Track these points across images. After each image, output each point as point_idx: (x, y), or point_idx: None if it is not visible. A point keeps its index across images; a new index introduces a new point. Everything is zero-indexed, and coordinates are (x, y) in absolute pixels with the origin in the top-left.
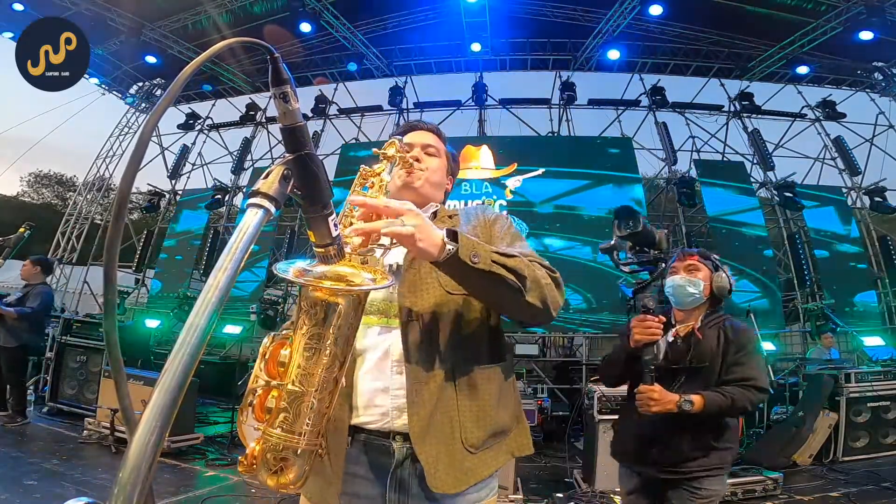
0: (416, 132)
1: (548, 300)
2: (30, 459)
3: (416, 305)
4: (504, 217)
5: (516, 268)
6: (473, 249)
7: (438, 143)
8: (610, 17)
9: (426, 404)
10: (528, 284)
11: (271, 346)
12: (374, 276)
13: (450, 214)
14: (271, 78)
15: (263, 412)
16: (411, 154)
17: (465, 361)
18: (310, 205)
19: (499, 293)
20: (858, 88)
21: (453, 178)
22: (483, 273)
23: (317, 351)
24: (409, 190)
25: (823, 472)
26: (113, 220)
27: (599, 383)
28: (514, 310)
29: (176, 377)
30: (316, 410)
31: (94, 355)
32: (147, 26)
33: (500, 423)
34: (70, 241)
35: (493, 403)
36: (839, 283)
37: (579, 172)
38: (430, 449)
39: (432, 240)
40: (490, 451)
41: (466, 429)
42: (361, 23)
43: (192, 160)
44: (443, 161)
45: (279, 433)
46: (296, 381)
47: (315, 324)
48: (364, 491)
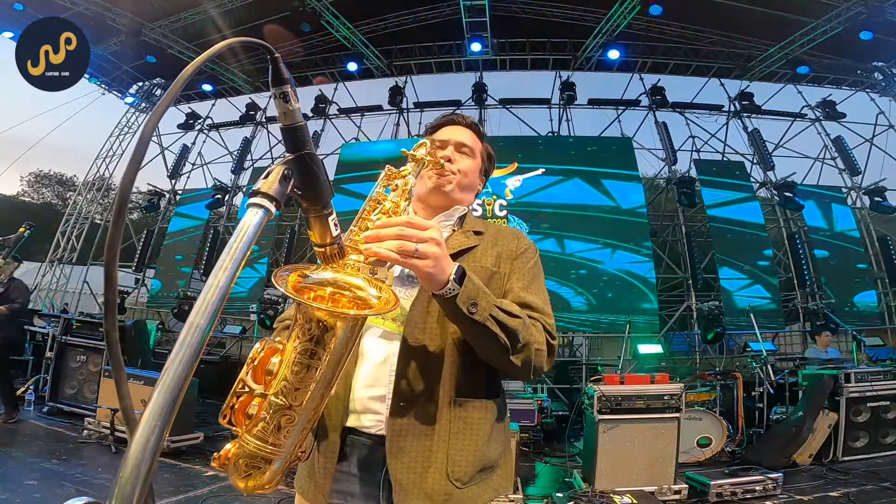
0: (451, 127)
1: (532, 364)
2: (30, 459)
3: (422, 324)
4: (533, 251)
5: (513, 329)
6: (474, 298)
7: (474, 142)
8: (610, 16)
9: (411, 427)
10: (518, 347)
11: (262, 353)
12: (379, 293)
13: (476, 230)
14: (271, 78)
15: (244, 417)
16: (443, 154)
17: (461, 391)
18: (310, 204)
19: (485, 344)
20: (858, 88)
21: (486, 178)
22: (475, 322)
23: (306, 367)
24: (438, 193)
25: (823, 472)
26: (113, 219)
27: (599, 383)
28: (493, 360)
29: (176, 377)
30: (296, 425)
31: (94, 355)
32: (147, 26)
33: (489, 459)
34: (70, 240)
35: (484, 438)
36: (839, 283)
37: (579, 172)
38: (410, 474)
39: (442, 275)
40: (476, 487)
41: (454, 461)
42: (361, 23)
43: (192, 160)
44: (477, 162)
45: (256, 442)
46: (280, 395)
47: (308, 339)
48: (357, 490)
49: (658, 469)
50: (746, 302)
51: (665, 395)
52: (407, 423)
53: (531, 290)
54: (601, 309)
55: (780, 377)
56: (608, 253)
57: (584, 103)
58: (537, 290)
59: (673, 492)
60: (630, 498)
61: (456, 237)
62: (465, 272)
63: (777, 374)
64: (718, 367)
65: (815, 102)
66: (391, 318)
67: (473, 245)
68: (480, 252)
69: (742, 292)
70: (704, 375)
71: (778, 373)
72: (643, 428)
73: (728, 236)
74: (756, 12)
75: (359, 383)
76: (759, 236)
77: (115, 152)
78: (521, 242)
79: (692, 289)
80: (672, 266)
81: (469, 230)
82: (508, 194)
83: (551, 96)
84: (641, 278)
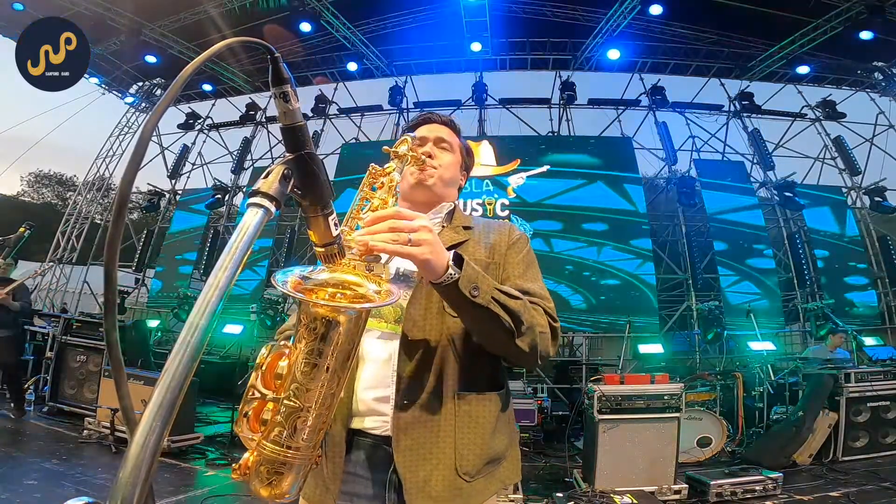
0: (429, 125)
1: (538, 348)
2: (30, 459)
3: (421, 321)
4: (524, 241)
5: (515, 310)
6: (475, 282)
7: (452, 137)
8: (610, 16)
9: (417, 424)
10: (522, 329)
11: (269, 357)
12: (379, 287)
13: (465, 225)
14: (271, 77)
15: (259, 423)
16: (423, 150)
17: (464, 386)
18: (310, 204)
19: (489, 329)
20: (858, 88)
21: (467, 174)
22: (478, 307)
23: (315, 367)
24: (421, 188)
25: (823, 472)
26: (113, 219)
27: (600, 383)
28: (499, 348)
29: (176, 377)
30: (312, 426)
31: (94, 355)
32: (147, 26)
33: (495, 451)
34: (70, 240)
35: (490, 431)
36: (839, 283)
37: (579, 172)
38: (419, 471)
39: (439, 260)
40: (484, 479)
41: (462, 455)
42: (361, 22)
43: (192, 160)
44: (456, 156)
45: (273, 447)
46: (292, 397)
47: (314, 339)
48: (363, 491)
49: (658, 469)
50: (746, 302)
51: (665, 395)
52: (412, 421)
53: (527, 278)
54: (601, 309)
55: (780, 377)
56: (607, 252)
57: (584, 103)
58: (533, 278)
59: (673, 492)
60: (630, 498)
61: (445, 233)
62: (462, 258)
63: (777, 374)
64: (718, 367)
65: (815, 102)
66: (390, 318)
67: (464, 240)
68: (472, 246)
69: (742, 292)
70: (704, 375)
71: (778, 373)
72: (643, 428)
73: (728, 236)
74: (756, 12)
75: (361, 385)
76: (759, 236)
77: (115, 152)
78: (512, 233)
79: (692, 289)
80: (672, 266)
81: (458, 226)
82: (511, 193)
83: (551, 96)
84: (641, 278)
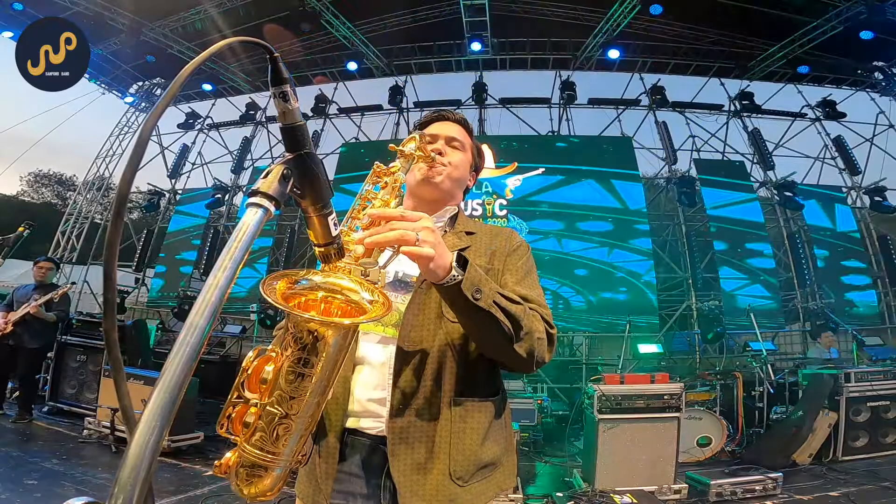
0: (441, 122)
1: (535, 354)
2: (30, 459)
3: (419, 327)
4: (525, 248)
5: (516, 315)
6: (478, 284)
7: (464, 137)
8: (610, 16)
9: (412, 428)
10: (521, 334)
11: (255, 362)
12: (373, 297)
13: (468, 230)
14: (271, 77)
15: (241, 426)
16: (434, 147)
17: (460, 391)
18: (309, 204)
19: (488, 333)
20: (858, 88)
21: (476, 175)
22: (480, 310)
23: (301, 376)
24: (428, 185)
25: (823, 472)
26: (113, 219)
27: (600, 383)
28: (497, 352)
29: (176, 377)
30: (294, 433)
31: (94, 355)
32: (147, 26)
33: (489, 457)
34: (70, 240)
35: (483, 437)
36: (839, 283)
37: (579, 172)
38: (413, 474)
39: (443, 261)
40: (479, 485)
41: (456, 461)
42: (361, 22)
43: (191, 159)
44: (467, 156)
45: (254, 451)
46: (275, 404)
47: (300, 349)
48: (359, 490)
49: (658, 469)
50: (746, 302)
51: (665, 395)
52: (407, 424)
53: (525, 285)
54: (601, 308)
55: (780, 377)
56: (607, 252)
57: (584, 103)
58: (531, 285)
59: (673, 491)
60: (630, 497)
61: (448, 238)
62: (466, 259)
63: (777, 374)
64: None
65: (816, 102)
66: (388, 323)
67: (466, 246)
68: (474, 252)
69: (742, 292)
70: (704, 375)
71: (778, 373)
72: (643, 427)
73: (728, 236)
74: (756, 12)
75: (358, 386)
76: (759, 236)
77: (114, 152)
78: (513, 240)
79: (692, 288)
80: (672, 266)
81: (461, 231)
82: (509, 193)
83: (551, 96)
84: (641, 278)
